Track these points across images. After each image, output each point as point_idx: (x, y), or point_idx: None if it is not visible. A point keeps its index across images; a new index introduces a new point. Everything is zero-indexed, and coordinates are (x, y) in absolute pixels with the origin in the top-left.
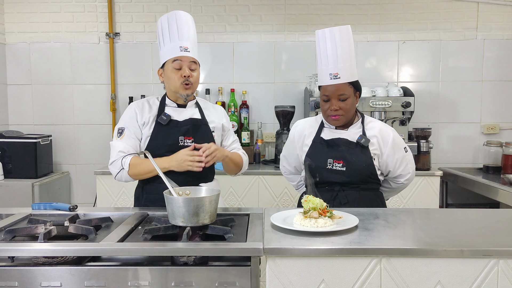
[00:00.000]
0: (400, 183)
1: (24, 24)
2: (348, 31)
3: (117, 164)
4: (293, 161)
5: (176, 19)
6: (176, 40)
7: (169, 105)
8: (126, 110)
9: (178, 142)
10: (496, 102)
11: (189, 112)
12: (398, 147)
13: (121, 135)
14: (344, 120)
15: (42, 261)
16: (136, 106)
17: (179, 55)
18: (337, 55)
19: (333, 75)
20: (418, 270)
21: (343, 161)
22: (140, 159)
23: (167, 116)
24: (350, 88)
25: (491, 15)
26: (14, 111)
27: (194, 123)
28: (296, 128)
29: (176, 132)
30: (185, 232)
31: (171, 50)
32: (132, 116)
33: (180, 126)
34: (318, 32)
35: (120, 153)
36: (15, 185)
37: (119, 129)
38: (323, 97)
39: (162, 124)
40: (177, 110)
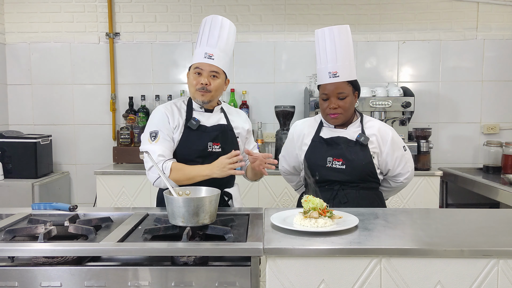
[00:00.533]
0: (399, 182)
1: (24, 24)
2: (347, 31)
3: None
4: (292, 161)
5: (211, 23)
6: (204, 46)
7: (196, 109)
8: (154, 113)
9: (207, 147)
10: (496, 102)
11: (216, 117)
12: (397, 146)
13: (155, 138)
14: (343, 119)
15: (42, 261)
16: (166, 109)
17: (201, 62)
18: (336, 54)
19: (332, 74)
20: (418, 270)
21: (342, 159)
22: (180, 164)
23: (196, 121)
24: (349, 87)
25: (491, 15)
26: (14, 111)
27: (221, 129)
28: (295, 128)
29: (205, 137)
30: (185, 232)
31: (197, 54)
32: (163, 119)
33: (208, 132)
34: (317, 32)
35: (160, 157)
36: (15, 185)
37: (152, 132)
38: (322, 95)
39: (192, 129)
40: (204, 114)
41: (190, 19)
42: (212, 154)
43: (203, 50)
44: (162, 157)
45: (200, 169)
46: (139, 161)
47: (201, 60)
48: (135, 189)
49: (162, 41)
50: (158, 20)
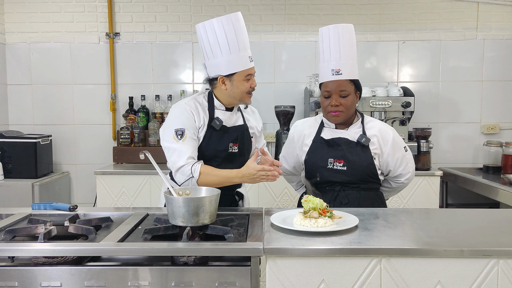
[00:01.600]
0: (400, 182)
1: (24, 24)
2: (351, 30)
3: (185, 171)
4: (293, 162)
5: (240, 24)
6: (244, 49)
7: (218, 107)
8: (177, 109)
9: (228, 148)
10: (496, 102)
11: (234, 116)
12: (398, 147)
13: (182, 137)
14: (344, 117)
15: (42, 261)
16: (190, 107)
17: (251, 67)
18: (340, 52)
19: (335, 71)
20: (418, 270)
21: (343, 160)
22: (209, 168)
23: (220, 121)
24: (351, 85)
25: (491, 15)
26: (14, 111)
27: (240, 130)
28: (295, 128)
29: (226, 138)
30: (185, 232)
31: (241, 60)
32: (189, 116)
33: (230, 133)
34: (322, 29)
35: (190, 159)
36: (15, 185)
37: (179, 130)
38: (324, 93)
39: (215, 129)
40: (225, 113)
41: (190, 19)
42: (231, 154)
43: (246, 54)
44: (191, 159)
45: (230, 176)
46: (139, 161)
47: (249, 65)
48: (135, 189)
49: (162, 41)
50: (158, 20)
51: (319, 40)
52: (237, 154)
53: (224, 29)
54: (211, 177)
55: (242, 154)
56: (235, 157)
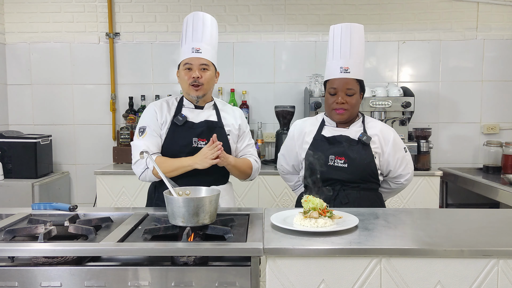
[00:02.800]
0: (399, 183)
1: (24, 24)
2: (362, 30)
3: (141, 163)
4: (292, 160)
5: (193, 20)
6: (190, 42)
7: (186, 106)
8: (145, 110)
9: (192, 143)
10: (496, 102)
11: (206, 113)
12: (398, 147)
13: (142, 133)
14: (348, 116)
15: (42, 261)
16: (155, 105)
17: (190, 57)
18: (350, 50)
19: (343, 69)
20: (418, 270)
21: (344, 157)
22: (164, 158)
23: (183, 117)
24: (357, 85)
25: (491, 15)
26: (14, 111)
27: (209, 125)
28: (295, 126)
29: (190, 133)
30: (185, 232)
31: (184, 52)
32: (152, 114)
33: (195, 128)
34: (334, 27)
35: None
36: (15, 185)
37: (141, 128)
38: (330, 90)
39: (178, 124)
40: (194, 111)
41: None
42: (198, 150)
43: (190, 46)
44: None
45: (183, 160)
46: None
47: (189, 55)
48: (135, 189)
49: (162, 41)
50: (158, 20)
51: (329, 37)
52: None
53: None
54: (165, 165)
55: None
56: None
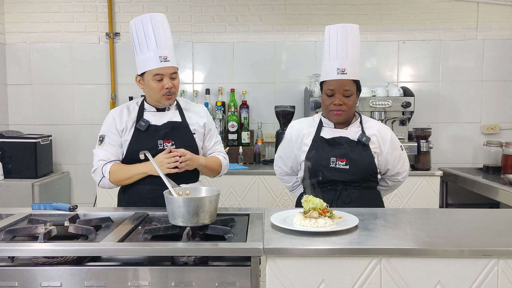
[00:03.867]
0: (397, 180)
1: (24, 24)
2: (358, 30)
3: (98, 172)
4: (290, 162)
5: (152, 24)
6: (154, 49)
7: (148, 109)
8: (106, 117)
9: (157, 146)
10: (496, 102)
11: (169, 115)
12: (395, 146)
13: (101, 142)
14: (345, 117)
15: (42, 261)
16: (115, 112)
17: (160, 67)
18: (347, 51)
19: (340, 70)
20: (418, 270)
21: (346, 159)
22: (120, 165)
23: (145, 122)
24: (354, 85)
25: (491, 15)
26: (14, 111)
27: (172, 126)
28: (292, 128)
29: (154, 136)
30: (185, 232)
31: (149, 59)
32: (111, 123)
33: (158, 130)
34: (329, 28)
35: (101, 161)
36: (15, 185)
37: (100, 136)
38: (327, 91)
39: (141, 130)
40: (156, 114)
41: (190, 19)
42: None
43: (156, 54)
44: (102, 161)
45: (138, 167)
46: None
47: (159, 65)
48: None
49: None
50: None
51: (325, 38)
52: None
53: (136, 29)
54: (121, 173)
55: None
56: None
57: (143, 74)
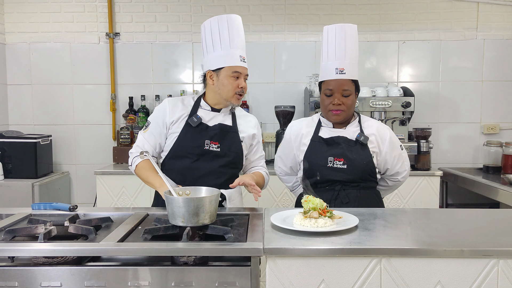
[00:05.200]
0: (396, 180)
1: (24, 24)
2: (356, 30)
3: (131, 156)
4: (289, 162)
5: (237, 25)
6: (236, 48)
7: (203, 107)
8: (159, 105)
9: (203, 145)
10: (496, 102)
11: (221, 117)
12: (395, 145)
13: (146, 128)
14: (344, 116)
15: (42, 261)
16: (169, 103)
17: (240, 65)
18: (345, 51)
19: (339, 70)
20: (418, 270)
21: (343, 158)
22: (148, 165)
23: (198, 118)
24: (353, 85)
25: (491, 15)
26: (14, 111)
27: (222, 129)
28: (291, 128)
29: (203, 135)
30: (185, 232)
31: (231, 56)
32: (161, 113)
33: (208, 130)
34: (327, 28)
35: (137, 147)
36: (15, 185)
37: (147, 121)
38: (326, 91)
39: (191, 125)
40: (209, 113)
41: (190, 19)
42: (209, 152)
43: (237, 52)
44: (138, 148)
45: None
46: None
47: (239, 63)
48: (135, 189)
49: (162, 41)
50: (158, 20)
51: (323, 38)
52: (218, 153)
53: (219, 26)
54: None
55: (225, 154)
56: (215, 156)
57: (220, 70)
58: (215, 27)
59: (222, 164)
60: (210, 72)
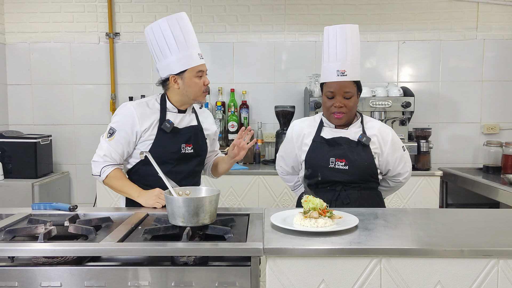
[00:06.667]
0: (398, 181)
1: (24, 24)
2: (357, 31)
3: (97, 166)
4: (291, 161)
5: (186, 23)
6: (193, 46)
7: (170, 110)
8: (123, 109)
9: (181, 149)
10: (496, 102)
11: (188, 118)
12: (397, 146)
13: (111, 136)
14: (346, 119)
15: (42, 261)
16: (136, 109)
17: (201, 63)
18: (346, 53)
19: (340, 72)
20: (418, 270)
21: (345, 159)
22: (120, 174)
23: (170, 123)
24: (354, 86)
25: (491, 15)
26: (14, 111)
27: (194, 131)
28: (293, 128)
29: (178, 139)
30: (185, 232)
31: (191, 57)
32: (128, 120)
33: (181, 134)
34: (328, 28)
35: (105, 157)
36: (15, 185)
37: (111, 128)
38: (327, 93)
39: (165, 131)
40: (178, 116)
41: (190, 19)
42: (186, 155)
43: (195, 51)
44: (106, 158)
45: (132, 190)
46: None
47: (199, 62)
48: None
49: None
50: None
51: (324, 39)
52: (192, 154)
53: (171, 28)
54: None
55: (198, 154)
56: (190, 157)
57: (183, 72)
58: (166, 30)
59: (197, 163)
60: (173, 76)
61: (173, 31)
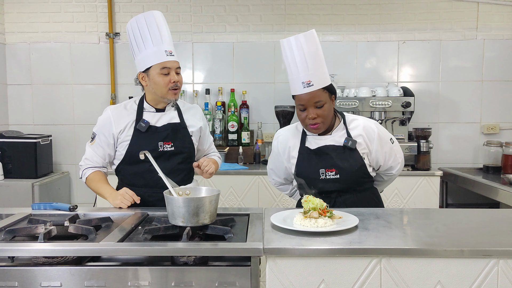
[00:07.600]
0: (391, 174)
1: (24, 24)
2: (314, 36)
3: (80, 169)
4: (282, 174)
5: (156, 20)
6: (160, 44)
7: (147, 109)
8: (103, 114)
9: (157, 147)
10: (496, 102)
11: (168, 116)
12: (384, 141)
13: (92, 140)
14: (323, 127)
15: (42, 261)
16: (112, 112)
17: (167, 60)
18: (307, 62)
19: (305, 83)
20: (418, 270)
21: (335, 169)
22: (98, 176)
23: (145, 123)
24: (325, 93)
25: (491, 15)
26: (14, 111)
27: (173, 128)
28: (278, 140)
29: (155, 138)
30: (185, 232)
31: (155, 54)
32: (105, 123)
33: (159, 132)
34: (283, 41)
35: (86, 160)
36: (15, 185)
37: (93, 133)
38: (298, 106)
39: (141, 131)
40: (156, 115)
41: (190, 19)
42: (165, 153)
43: (162, 48)
44: (87, 161)
45: (105, 191)
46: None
47: (165, 58)
48: None
49: None
50: None
51: (282, 52)
52: (173, 151)
53: (138, 26)
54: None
55: (180, 151)
56: (170, 155)
57: (148, 70)
58: (135, 28)
59: (179, 161)
60: (141, 73)
61: (140, 29)
